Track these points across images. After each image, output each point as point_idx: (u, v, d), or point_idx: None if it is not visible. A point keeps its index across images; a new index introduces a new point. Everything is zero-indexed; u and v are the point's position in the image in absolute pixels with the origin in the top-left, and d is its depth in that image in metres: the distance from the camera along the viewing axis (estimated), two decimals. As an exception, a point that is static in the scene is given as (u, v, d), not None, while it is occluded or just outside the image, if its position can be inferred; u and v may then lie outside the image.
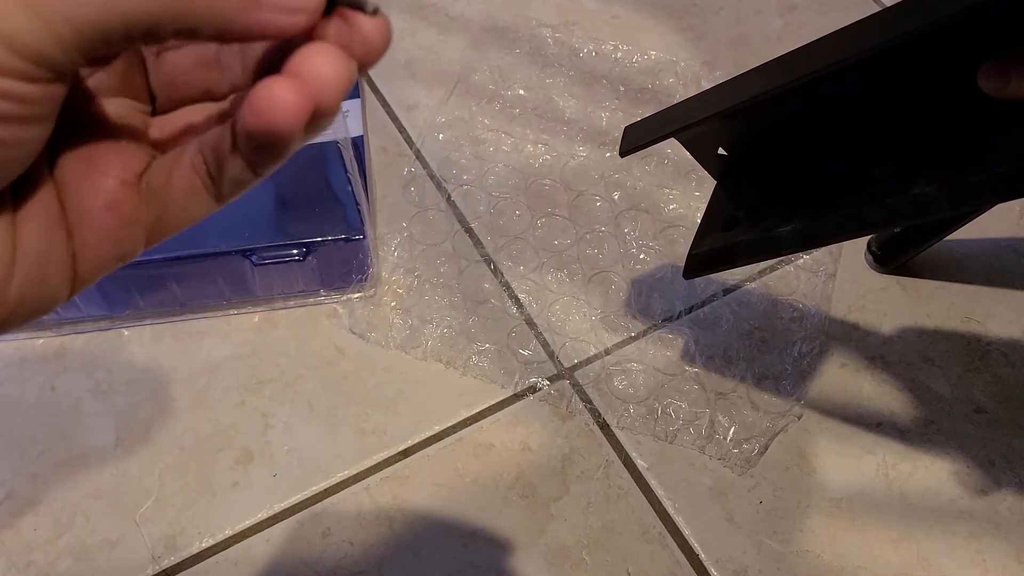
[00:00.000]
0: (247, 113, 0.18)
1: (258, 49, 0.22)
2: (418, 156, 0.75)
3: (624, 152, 0.45)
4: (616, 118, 0.78)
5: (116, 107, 0.22)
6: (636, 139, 0.45)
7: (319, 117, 0.18)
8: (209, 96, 0.23)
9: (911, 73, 0.35)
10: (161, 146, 0.23)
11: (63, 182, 0.21)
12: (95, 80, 0.22)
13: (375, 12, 0.19)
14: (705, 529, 0.58)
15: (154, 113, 0.23)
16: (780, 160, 0.43)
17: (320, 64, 0.18)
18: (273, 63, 0.20)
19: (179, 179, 0.21)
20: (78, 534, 0.58)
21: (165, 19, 0.17)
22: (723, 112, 0.38)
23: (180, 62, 0.23)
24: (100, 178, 0.21)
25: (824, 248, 0.71)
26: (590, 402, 0.63)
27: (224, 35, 0.18)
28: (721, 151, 0.46)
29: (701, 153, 0.47)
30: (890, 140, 0.37)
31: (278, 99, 0.17)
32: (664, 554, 0.57)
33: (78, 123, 0.21)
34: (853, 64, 0.32)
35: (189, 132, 0.23)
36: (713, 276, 0.69)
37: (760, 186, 0.45)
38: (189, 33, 0.18)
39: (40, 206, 0.20)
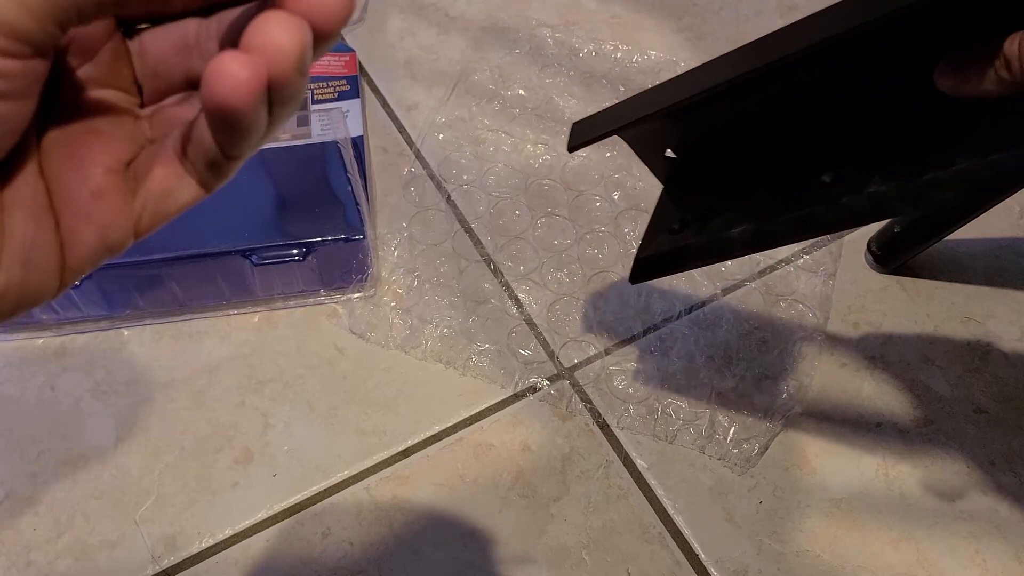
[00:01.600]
0: (203, 91, 0.17)
1: (236, 31, 0.21)
2: (418, 156, 0.75)
3: (571, 148, 0.44)
4: (616, 118, 0.78)
5: (103, 97, 0.22)
6: (582, 135, 0.43)
7: (278, 89, 0.18)
8: (190, 83, 0.23)
9: (865, 70, 0.34)
10: (150, 136, 0.23)
11: (50, 170, 0.21)
12: (83, 72, 0.22)
13: None
14: (705, 529, 0.58)
15: (143, 104, 0.24)
16: (731, 160, 0.42)
17: (274, 33, 0.17)
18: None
19: (162, 166, 0.21)
20: (78, 534, 0.58)
21: None
22: (666, 110, 0.36)
23: (160, 50, 0.23)
24: (86, 167, 0.21)
25: (824, 248, 0.71)
26: (590, 402, 0.63)
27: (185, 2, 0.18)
28: (669, 153, 0.44)
29: (646, 153, 0.45)
30: (845, 138, 0.36)
31: (229, 73, 0.17)
32: (664, 554, 0.57)
33: (65, 113, 0.22)
34: (802, 60, 0.31)
35: (173, 120, 0.23)
36: (713, 276, 0.69)
37: (710, 187, 0.43)
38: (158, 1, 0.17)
39: (27, 192, 0.21)
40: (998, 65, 0.29)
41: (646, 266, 0.42)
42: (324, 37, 0.18)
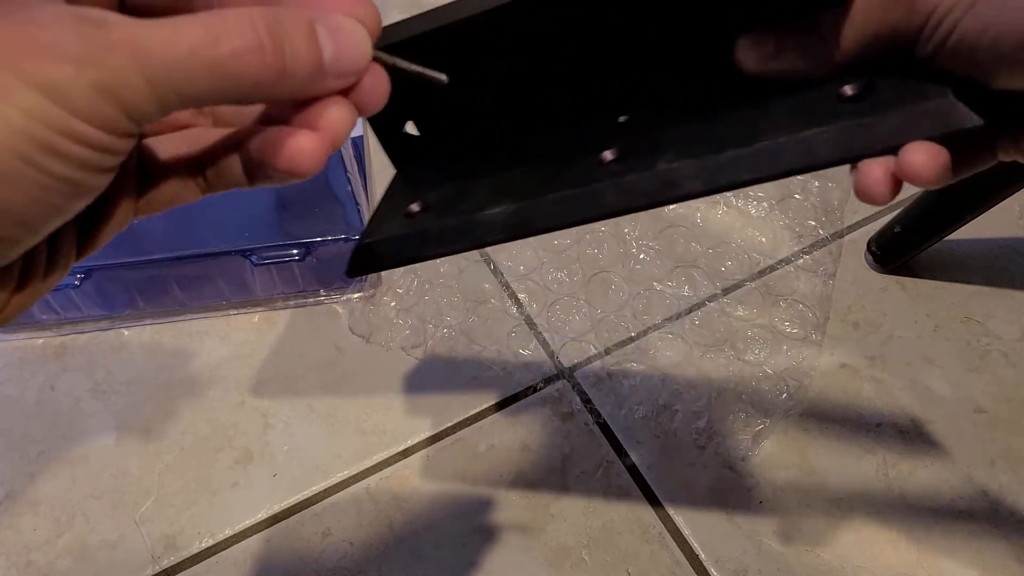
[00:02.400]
0: (274, 157, 0.21)
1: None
2: (418, 156, 0.75)
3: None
4: (616, 118, 0.78)
5: None
6: None
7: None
8: (194, 122, 0.26)
9: (656, 24, 0.29)
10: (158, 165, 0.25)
11: None
12: None
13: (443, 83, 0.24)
14: (705, 529, 0.58)
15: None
16: (490, 127, 0.33)
17: (337, 116, 0.21)
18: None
19: (175, 180, 0.24)
20: (78, 534, 0.58)
21: (255, 94, 0.19)
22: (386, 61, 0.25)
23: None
24: None
25: (824, 248, 0.71)
26: (590, 402, 0.63)
27: (292, 98, 0.21)
28: (411, 129, 0.35)
29: (381, 127, 0.34)
30: (633, 106, 0.31)
31: (307, 150, 0.21)
32: (664, 554, 0.57)
33: None
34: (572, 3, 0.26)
35: (184, 151, 0.25)
36: (713, 276, 0.69)
37: (461, 162, 0.35)
38: (264, 100, 0.20)
39: None
40: (809, 39, 0.26)
41: (370, 255, 0.33)
42: (363, 113, 0.22)
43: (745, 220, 0.72)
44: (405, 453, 0.61)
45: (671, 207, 0.72)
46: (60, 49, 0.17)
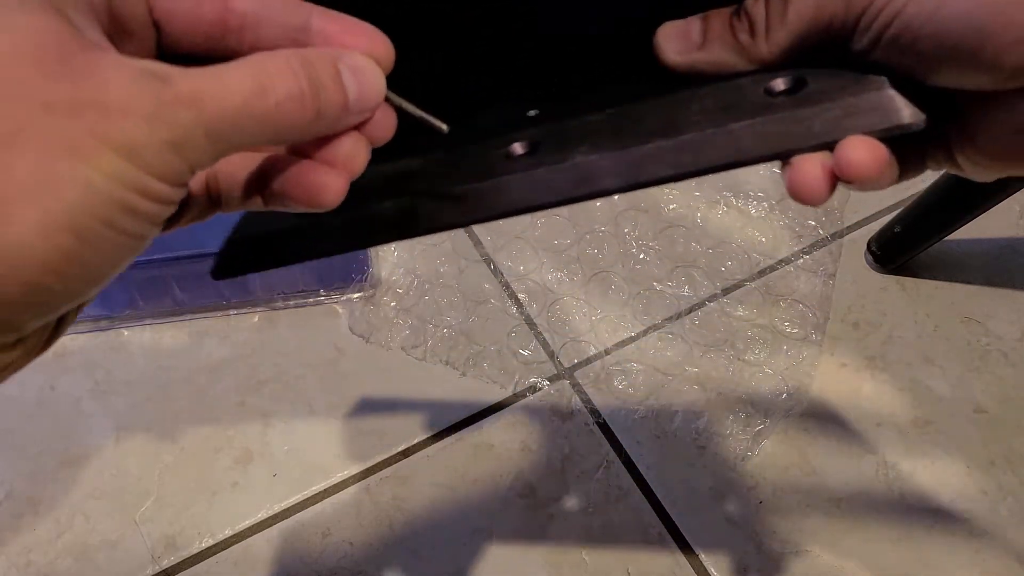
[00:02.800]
0: (296, 191, 0.22)
1: None
2: (418, 156, 0.75)
3: None
4: (616, 118, 0.78)
5: None
6: None
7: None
8: None
9: (575, 8, 0.27)
10: None
11: None
12: None
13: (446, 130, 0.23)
14: (705, 529, 0.58)
15: None
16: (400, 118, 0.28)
17: (354, 151, 0.22)
18: None
19: (194, 208, 0.25)
20: (78, 534, 0.58)
21: (291, 136, 0.20)
22: None
23: None
24: None
25: (824, 248, 0.71)
26: (590, 402, 0.63)
27: (317, 136, 0.21)
28: None
29: None
30: (550, 96, 0.28)
31: (329, 187, 0.21)
32: (664, 554, 0.57)
33: None
34: None
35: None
36: (713, 276, 0.69)
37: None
38: (295, 140, 0.21)
39: None
40: (738, 28, 0.24)
41: (242, 253, 0.28)
42: (373, 145, 0.23)
43: (745, 220, 0.72)
44: (405, 453, 0.61)
45: (671, 206, 0.72)
46: (133, 108, 0.17)
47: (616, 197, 0.72)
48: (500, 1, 0.26)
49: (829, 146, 0.22)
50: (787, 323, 0.66)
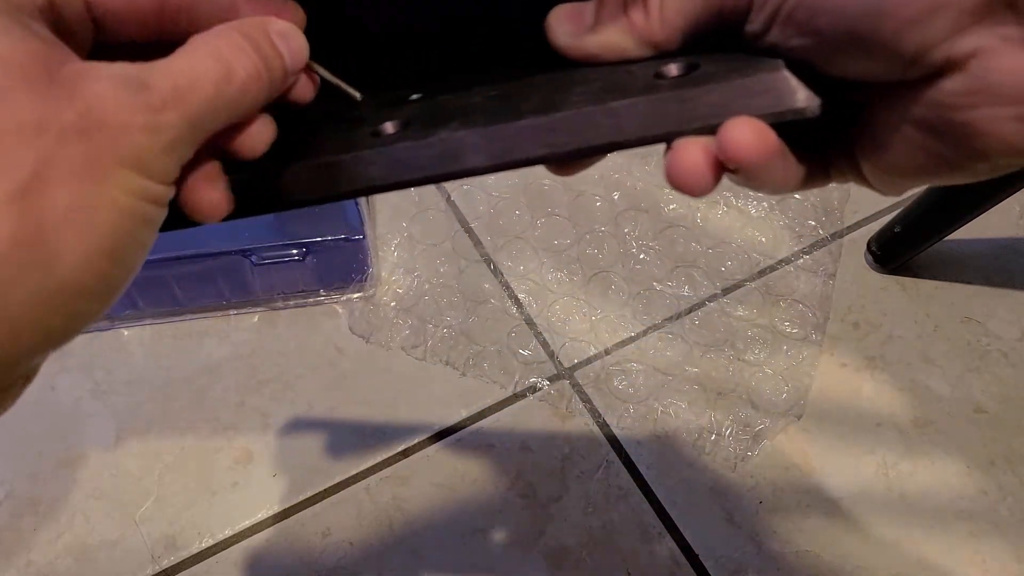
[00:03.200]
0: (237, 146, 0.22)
1: None
2: (418, 156, 0.75)
3: None
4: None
5: None
6: None
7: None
8: None
9: None
10: None
11: None
12: None
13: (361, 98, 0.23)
14: (705, 529, 0.58)
15: None
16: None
17: (264, 130, 0.22)
18: None
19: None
20: (78, 534, 0.58)
21: (251, 110, 0.20)
22: None
23: None
24: None
25: (824, 248, 0.71)
26: (590, 402, 0.63)
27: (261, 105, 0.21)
28: None
29: None
30: (434, 77, 0.26)
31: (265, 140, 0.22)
32: (664, 554, 0.57)
33: None
34: None
35: None
36: (713, 276, 0.69)
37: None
38: (251, 112, 0.21)
39: None
40: (631, 8, 0.22)
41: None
42: (298, 107, 0.23)
43: (745, 220, 0.72)
44: (405, 453, 0.61)
45: (671, 206, 0.72)
46: (131, 122, 0.17)
47: (615, 196, 0.72)
48: None
49: (714, 130, 0.20)
50: (787, 323, 0.66)
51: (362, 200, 0.65)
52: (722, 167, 0.20)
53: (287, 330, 0.66)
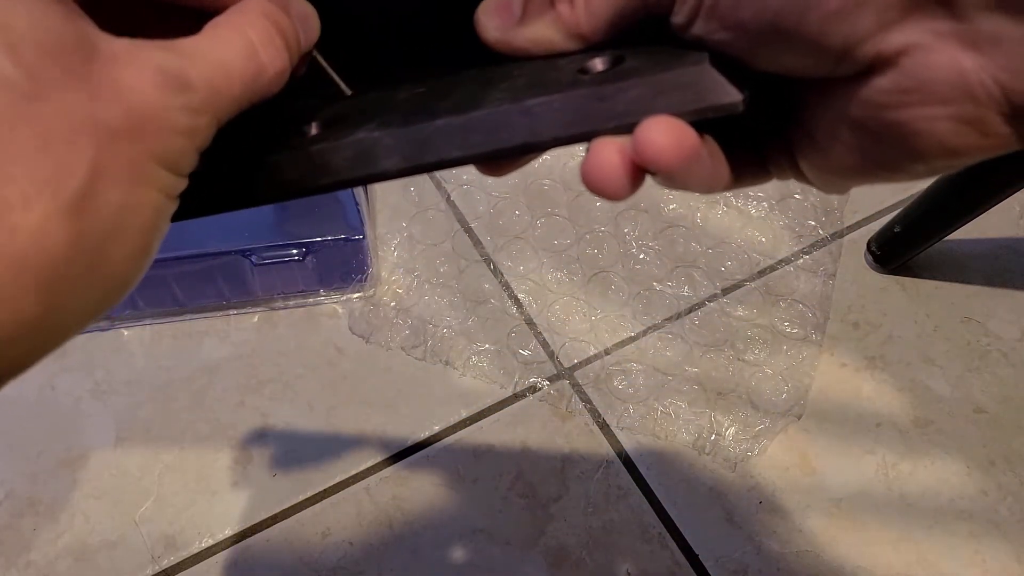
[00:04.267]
0: None
1: None
2: (418, 156, 0.75)
3: None
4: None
5: None
6: None
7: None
8: None
9: None
10: None
11: None
12: None
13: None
14: (705, 529, 0.58)
15: None
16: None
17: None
18: None
19: None
20: (78, 534, 0.58)
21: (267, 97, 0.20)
22: None
23: None
24: None
25: (824, 248, 0.71)
26: (590, 402, 0.63)
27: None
28: None
29: None
30: (364, 75, 0.25)
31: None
32: (664, 554, 0.57)
33: None
34: None
35: None
36: (713, 276, 0.69)
37: None
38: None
39: None
40: (563, 7, 0.21)
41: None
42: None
43: (745, 220, 0.72)
44: (405, 453, 0.61)
45: (671, 206, 0.72)
46: (173, 125, 0.17)
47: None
48: None
49: (634, 129, 0.19)
50: (787, 323, 0.66)
51: (362, 200, 0.65)
52: (641, 169, 0.19)
53: (287, 330, 0.66)
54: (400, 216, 0.72)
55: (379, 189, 0.73)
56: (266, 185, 0.22)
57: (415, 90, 0.23)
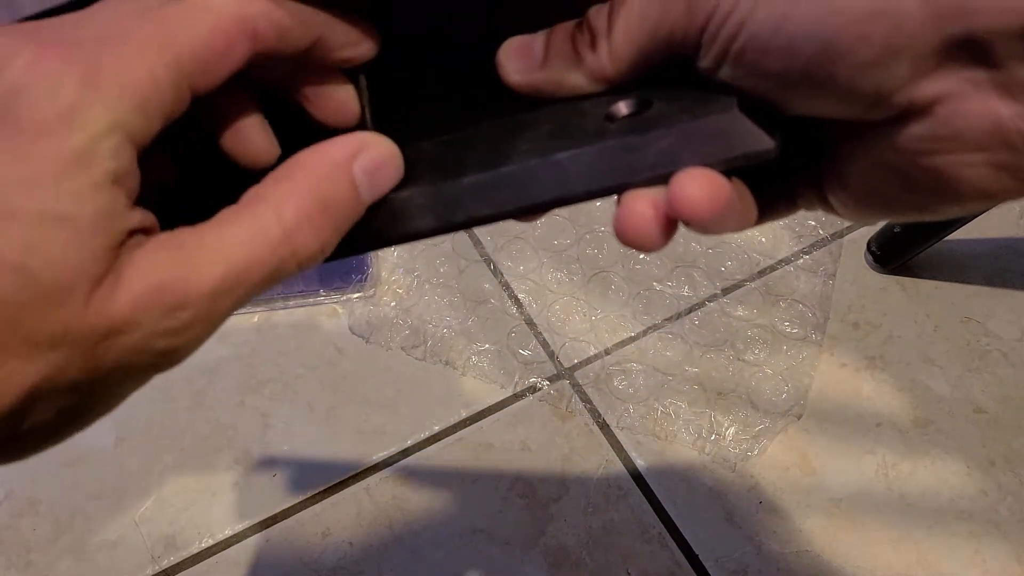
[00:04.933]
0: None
1: None
2: (418, 156, 0.75)
3: None
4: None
5: None
6: None
7: None
8: None
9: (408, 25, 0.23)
10: None
11: None
12: None
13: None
14: (705, 529, 0.58)
15: None
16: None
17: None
18: None
19: None
20: (78, 534, 0.58)
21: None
22: None
23: None
24: None
25: (824, 248, 0.71)
26: (590, 402, 0.63)
27: None
28: None
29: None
30: (390, 124, 0.24)
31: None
32: (664, 554, 0.57)
33: None
34: None
35: None
36: (713, 276, 0.69)
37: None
38: None
39: None
40: (580, 42, 0.21)
41: None
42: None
43: (745, 220, 0.72)
44: (405, 453, 0.61)
45: (671, 207, 0.72)
46: (145, 346, 0.18)
47: (615, 196, 0.72)
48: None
49: (666, 179, 0.19)
50: (787, 323, 0.67)
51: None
52: (674, 220, 0.19)
53: (287, 330, 0.66)
54: (400, 216, 0.72)
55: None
56: None
57: (440, 139, 0.22)
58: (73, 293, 0.16)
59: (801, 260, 0.70)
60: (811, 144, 0.20)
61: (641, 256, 0.70)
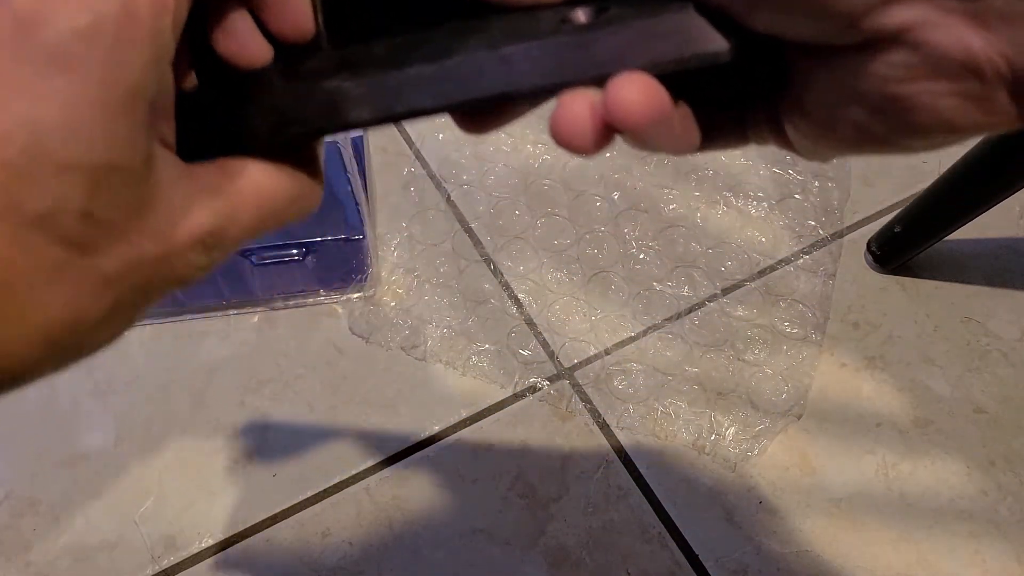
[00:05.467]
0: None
1: None
2: (418, 156, 0.75)
3: None
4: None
5: None
6: None
7: None
8: None
9: None
10: None
11: None
12: None
13: None
14: (705, 529, 0.58)
15: None
16: None
17: None
18: None
19: None
20: (78, 534, 0.58)
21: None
22: None
23: None
24: None
25: (824, 248, 0.71)
26: (590, 402, 0.63)
27: None
28: None
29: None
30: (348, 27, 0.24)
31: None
32: (664, 554, 0.57)
33: None
34: None
35: None
36: (713, 276, 0.69)
37: None
38: None
39: None
40: None
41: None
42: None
43: (745, 220, 0.72)
44: (405, 453, 0.61)
45: (671, 206, 0.72)
46: (183, 275, 0.20)
47: (615, 196, 0.72)
48: None
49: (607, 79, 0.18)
50: (787, 323, 0.66)
51: (362, 200, 0.65)
52: (610, 127, 0.18)
53: (287, 330, 0.66)
54: (400, 216, 0.72)
55: (379, 189, 0.73)
56: (235, 135, 0.21)
57: (393, 43, 0.22)
58: (129, 234, 0.17)
59: (801, 260, 0.70)
60: (769, 70, 0.20)
61: (641, 256, 0.70)
